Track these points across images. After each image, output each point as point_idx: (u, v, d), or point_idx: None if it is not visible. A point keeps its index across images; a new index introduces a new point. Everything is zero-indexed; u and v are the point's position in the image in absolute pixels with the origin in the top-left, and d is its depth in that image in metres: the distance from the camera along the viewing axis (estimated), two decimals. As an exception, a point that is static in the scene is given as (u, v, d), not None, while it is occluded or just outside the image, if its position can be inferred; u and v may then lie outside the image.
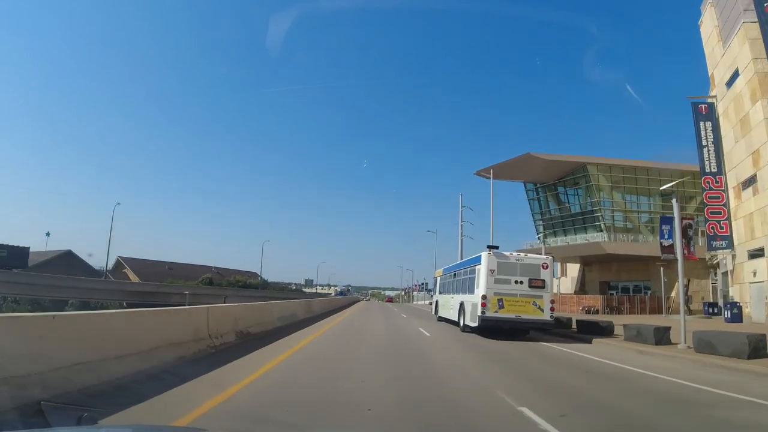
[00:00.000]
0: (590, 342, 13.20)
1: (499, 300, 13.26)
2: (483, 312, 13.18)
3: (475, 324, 13.66)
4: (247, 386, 5.58)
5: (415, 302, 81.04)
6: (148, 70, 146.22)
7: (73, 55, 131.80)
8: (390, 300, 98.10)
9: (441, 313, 21.12)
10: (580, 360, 9.71)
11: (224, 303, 28.80)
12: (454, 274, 18.71)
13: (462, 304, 15.67)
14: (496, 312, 13.17)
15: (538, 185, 47.74)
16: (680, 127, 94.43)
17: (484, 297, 13.27)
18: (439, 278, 23.68)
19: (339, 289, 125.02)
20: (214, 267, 71.19)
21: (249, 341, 9.78)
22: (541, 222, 47.44)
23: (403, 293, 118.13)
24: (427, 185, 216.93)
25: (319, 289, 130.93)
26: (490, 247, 14.22)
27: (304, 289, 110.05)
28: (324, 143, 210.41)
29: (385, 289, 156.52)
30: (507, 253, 14.14)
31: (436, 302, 23.20)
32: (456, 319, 16.53)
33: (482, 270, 13.70)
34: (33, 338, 4.33)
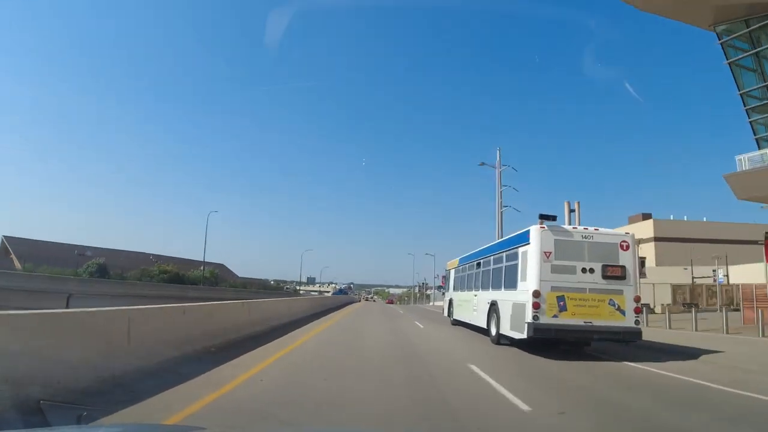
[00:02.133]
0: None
1: (560, 298, 9.13)
2: (535, 317, 8.99)
3: (521, 335, 9.34)
4: None
5: (435, 303, 56.89)
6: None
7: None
8: (390, 302, 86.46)
9: (457, 316, 17.03)
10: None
11: (67, 307, 18.89)
12: (479, 263, 14.35)
13: (494, 306, 11.54)
14: (556, 316, 9.05)
15: (753, 22, 19.88)
16: (680, 122, 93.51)
17: (536, 294, 9.08)
18: (453, 270, 19.10)
19: (340, 287, 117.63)
20: (153, 255, 58.80)
21: None
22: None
23: (416, 291, 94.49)
24: (427, 185, 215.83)
25: (317, 287, 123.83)
26: (542, 218, 9.81)
27: (299, 289, 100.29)
28: (323, 132, 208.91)
29: (392, 287, 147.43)
30: (568, 227, 10.06)
31: (450, 301, 19.03)
32: (483, 326, 12.57)
33: (532, 253, 9.51)
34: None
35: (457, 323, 16.86)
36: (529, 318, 9.12)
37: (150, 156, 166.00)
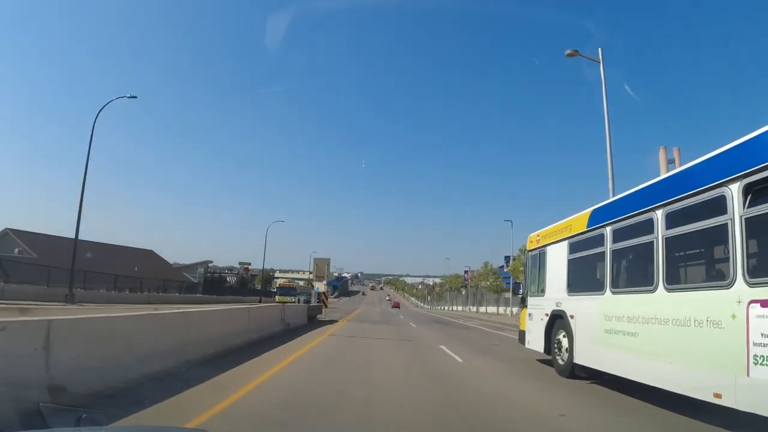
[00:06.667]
0: None
1: None
2: None
3: None
4: None
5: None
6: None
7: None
8: (396, 305, 72.71)
9: (599, 360, 6.46)
10: None
11: None
12: None
13: None
14: None
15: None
16: (679, 123, 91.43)
17: None
18: (560, 246, 8.18)
19: (339, 276, 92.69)
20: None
21: None
22: None
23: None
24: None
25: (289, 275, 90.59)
26: None
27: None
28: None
29: (404, 276, 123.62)
30: None
31: (553, 318, 8.14)
32: None
33: None
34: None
35: (590, 373, 6.87)
36: None
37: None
